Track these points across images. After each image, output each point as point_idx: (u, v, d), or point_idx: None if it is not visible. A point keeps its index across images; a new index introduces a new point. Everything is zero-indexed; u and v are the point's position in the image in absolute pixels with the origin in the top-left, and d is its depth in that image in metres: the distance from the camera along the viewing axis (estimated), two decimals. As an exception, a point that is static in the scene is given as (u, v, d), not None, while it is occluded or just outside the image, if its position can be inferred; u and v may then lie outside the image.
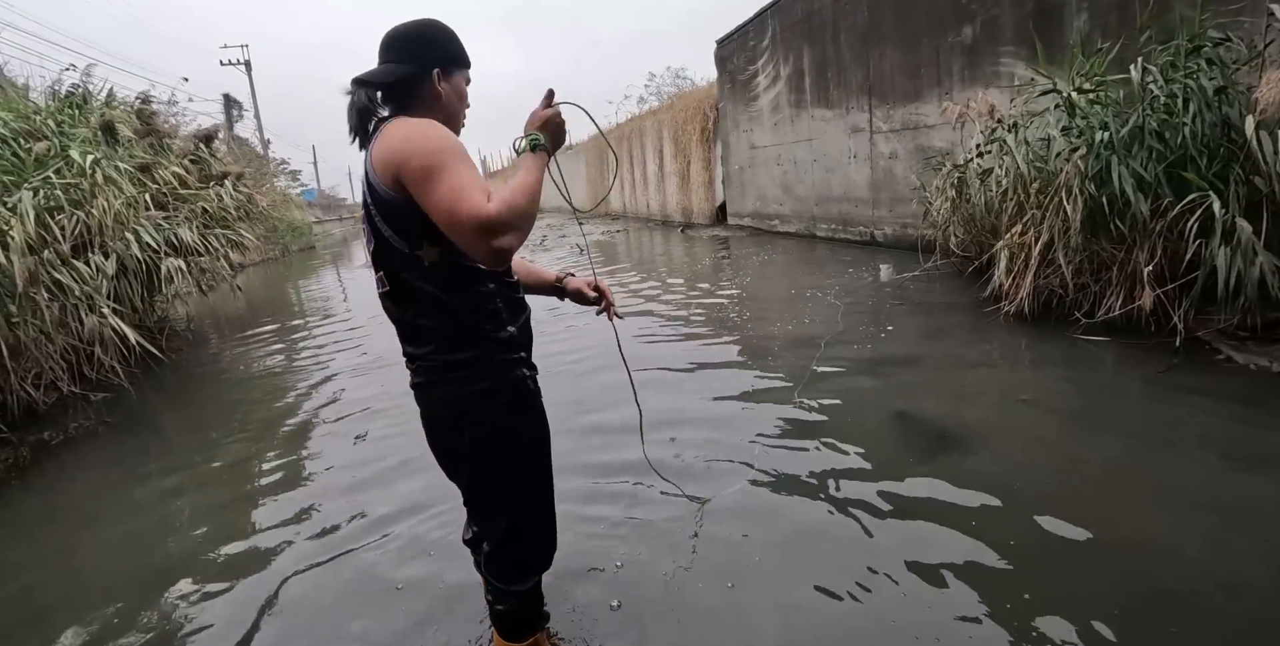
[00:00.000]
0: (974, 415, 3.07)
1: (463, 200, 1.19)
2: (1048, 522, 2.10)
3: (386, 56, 1.42)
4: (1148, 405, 3.04)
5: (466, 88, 1.50)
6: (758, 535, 2.20)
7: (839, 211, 9.24)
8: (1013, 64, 5.88)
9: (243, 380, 5.27)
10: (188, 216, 5.99)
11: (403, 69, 1.40)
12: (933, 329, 4.52)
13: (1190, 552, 1.91)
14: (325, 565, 2.28)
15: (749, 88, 11.45)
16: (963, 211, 5.25)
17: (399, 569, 2.20)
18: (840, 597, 1.86)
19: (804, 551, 2.10)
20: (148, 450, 3.81)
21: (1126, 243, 3.83)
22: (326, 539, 2.47)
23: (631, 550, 2.17)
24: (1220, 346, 3.49)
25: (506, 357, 1.43)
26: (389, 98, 1.43)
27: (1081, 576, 1.84)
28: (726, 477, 2.61)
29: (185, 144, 7.17)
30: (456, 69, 1.46)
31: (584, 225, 18.85)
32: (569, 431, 3.10)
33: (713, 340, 4.77)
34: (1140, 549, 1.95)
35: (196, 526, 2.72)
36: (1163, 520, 2.09)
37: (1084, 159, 3.75)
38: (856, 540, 2.14)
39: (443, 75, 1.42)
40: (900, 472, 2.53)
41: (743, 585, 1.95)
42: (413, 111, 1.39)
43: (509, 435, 1.46)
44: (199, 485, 3.15)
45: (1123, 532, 2.03)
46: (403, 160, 1.24)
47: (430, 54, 1.42)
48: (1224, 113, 3.56)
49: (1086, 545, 1.99)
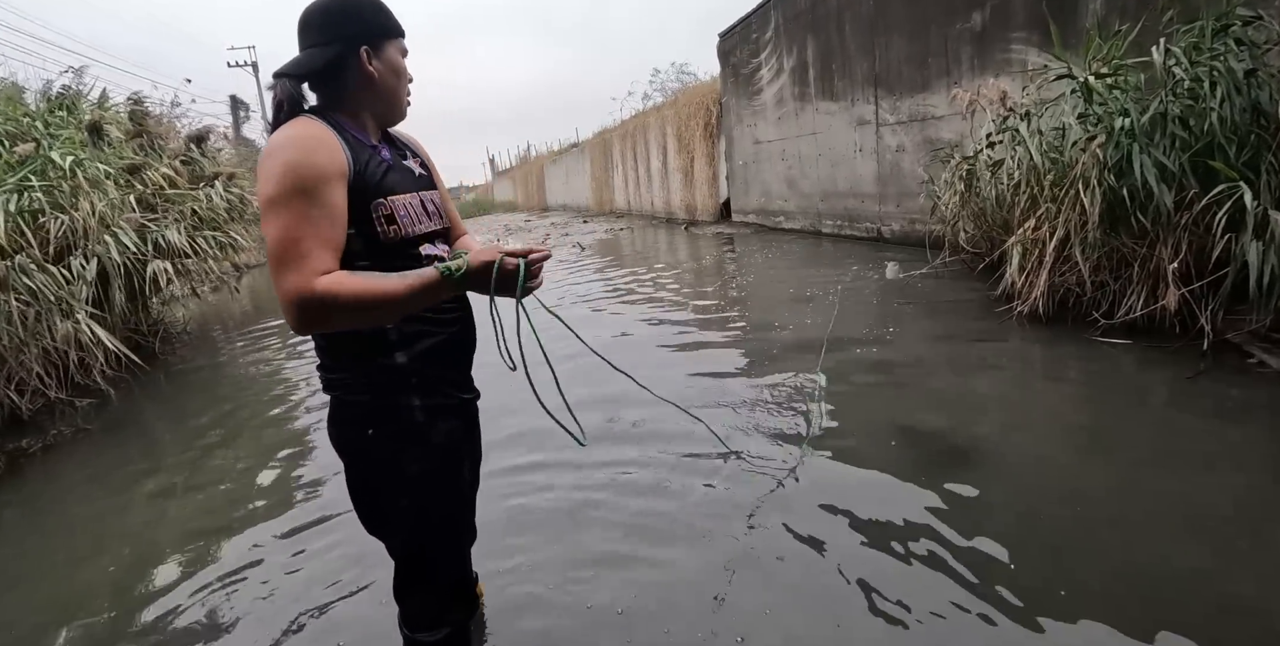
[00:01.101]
0: (984, 429, 2.85)
1: (291, 264, 1.06)
2: (1064, 558, 1.90)
3: (306, 40, 1.25)
4: (1175, 416, 2.81)
5: (404, 60, 1.32)
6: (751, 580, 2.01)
7: (845, 207, 9.01)
8: (1024, 50, 5.64)
9: (237, 383, 5.15)
10: (176, 218, 5.87)
11: (326, 53, 1.22)
12: (941, 331, 4.29)
13: (1233, 586, 1.70)
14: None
15: (752, 81, 11.22)
16: (972, 205, 5.03)
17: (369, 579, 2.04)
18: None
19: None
20: (126, 457, 3.67)
21: (1149, 238, 3.60)
22: (316, 556, 2.32)
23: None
24: (1252, 350, 3.26)
25: (389, 382, 1.26)
26: (317, 88, 1.27)
27: (1101, 618, 1.64)
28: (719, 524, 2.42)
29: (178, 145, 7.06)
30: (387, 42, 1.28)
31: (588, 223, 18.68)
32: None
33: (711, 343, 4.57)
34: (1175, 582, 1.74)
35: (163, 541, 2.56)
36: (1198, 552, 1.88)
37: (1103, 148, 3.52)
38: (851, 582, 1.94)
39: (372, 53, 1.25)
40: (903, 495, 2.33)
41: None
42: (346, 99, 1.26)
43: (385, 468, 1.29)
44: (166, 496, 3.01)
45: (1155, 565, 1.82)
46: (259, 181, 1.12)
47: (354, 30, 1.24)
48: (1254, 97, 3.33)
49: (1109, 582, 1.78)
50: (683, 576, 1.97)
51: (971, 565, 1.88)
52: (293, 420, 3.97)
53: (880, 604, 1.77)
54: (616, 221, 18.31)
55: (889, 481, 2.43)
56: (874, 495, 2.34)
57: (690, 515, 2.31)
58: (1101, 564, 1.84)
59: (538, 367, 1.31)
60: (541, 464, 2.81)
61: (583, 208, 25.32)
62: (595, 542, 2.20)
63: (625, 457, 2.80)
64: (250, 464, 3.33)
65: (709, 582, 1.93)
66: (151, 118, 7.34)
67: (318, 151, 1.12)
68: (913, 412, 3.03)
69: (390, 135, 1.37)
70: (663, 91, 19.95)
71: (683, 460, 2.74)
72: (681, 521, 2.27)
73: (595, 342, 1.66)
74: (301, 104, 1.24)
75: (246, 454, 3.50)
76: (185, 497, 3.02)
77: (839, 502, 2.30)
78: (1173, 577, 1.76)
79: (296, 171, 1.09)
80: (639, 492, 2.51)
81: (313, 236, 1.07)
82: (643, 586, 1.94)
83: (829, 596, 1.83)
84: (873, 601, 1.78)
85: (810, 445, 2.76)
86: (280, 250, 1.06)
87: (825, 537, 2.10)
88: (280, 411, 4.18)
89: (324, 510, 2.67)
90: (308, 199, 1.08)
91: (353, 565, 2.21)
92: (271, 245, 1.07)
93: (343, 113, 1.26)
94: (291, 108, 1.21)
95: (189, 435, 3.90)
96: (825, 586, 1.87)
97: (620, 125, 19.86)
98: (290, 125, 1.17)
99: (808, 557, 2.01)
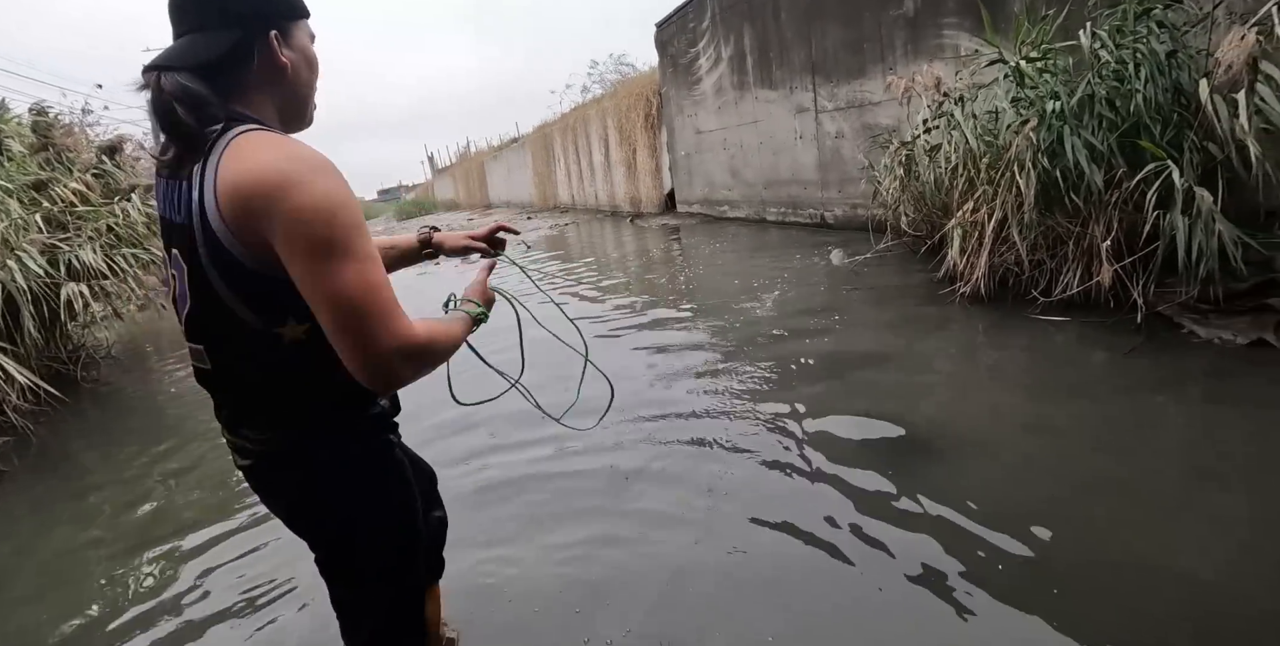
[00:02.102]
0: (930, 411, 2.87)
1: (387, 313, 0.90)
2: (1027, 532, 1.91)
3: (188, 21, 0.97)
4: (1115, 390, 2.88)
5: (313, 46, 1.07)
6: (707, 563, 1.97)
7: (788, 194, 9.07)
8: (956, 36, 5.73)
9: (164, 404, 4.90)
10: (91, 236, 5.51)
11: (222, 38, 0.95)
12: (887, 315, 4.35)
13: (1180, 561, 1.74)
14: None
15: (691, 71, 11.18)
16: (912, 190, 5.09)
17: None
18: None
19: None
20: (51, 491, 3.44)
21: (1082, 216, 3.69)
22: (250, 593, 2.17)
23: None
24: (1182, 321, 3.37)
25: (372, 429, 1.16)
26: (219, 83, 0.97)
27: (1063, 595, 1.65)
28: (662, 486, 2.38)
29: (89, 157, 6.64)
30: (296, 23, 1.03)
31: (532, 220, 18.45)
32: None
33: (659, 336, 4.52)
34: (1135, 561, 1.77)
35: (92, 576, 2.38)
36: (1146, 523, 1.92)
37: (1035, 130, 3.58)
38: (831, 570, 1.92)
39: (282, 37, 1.00)
40: (859, 480, 2.32)
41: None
42: (251, 97, 1.00)
43: (395, 511, 1.21)
44: (94, 528, 2.81)
45: (1109, 541, 1.85)
46: (289, 216, 0.87)
47: (258, 8, 0.98)
48: (1175, 77, 3.42)
49: (1060, 553, 1.80)
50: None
51: (912, 546, 1.88)
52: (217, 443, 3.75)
53: (849, 584, 1.75)
54: (561, 217, 18.12)
55: (841, 469, 2.42)
56: (826, 479, 2.33)
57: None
58: (1061, 543, 1.85)
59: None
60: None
61: (526, 204, 25.00)
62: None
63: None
64: (187, 491, 3.16)
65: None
66: (59, 129, 6.88)
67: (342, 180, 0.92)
68: (860, 398, 3.03)
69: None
70: (602, 83, 19.77)
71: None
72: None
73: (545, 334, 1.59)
74: (211, 102, 0.94)
75: (181, 480, 3.32)
76: (114, 530, 2.84)
77: (788, 490, 2.28)
78: (1130, 546, 1.79)
79: (352, 205, 0.91)
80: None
81: (388, 282, 0.93)
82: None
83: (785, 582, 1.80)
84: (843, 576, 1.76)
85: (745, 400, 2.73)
86: (369, 300, 0.89)
87: (771, 529, 2.08)
88: (213, 432, 3.97)
89: (272, 535, 2.52)
90: (366, 238, 0.91)
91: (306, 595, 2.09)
92: (349, 295, 0.88)
93: (253, 115, 1.00)
94: (202, 111, 0.93)
95: (118, 465, 3.69)
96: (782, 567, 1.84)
97: (560, 118, 19.63)
98: (286, 140, 0.95)
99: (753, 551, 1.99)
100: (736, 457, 2.65)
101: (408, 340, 0.91)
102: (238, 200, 0.89)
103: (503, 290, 1.30)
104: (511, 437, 3.05)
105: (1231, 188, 3.20)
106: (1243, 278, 3.16)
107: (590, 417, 1.83)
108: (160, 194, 1.02)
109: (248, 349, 1.00)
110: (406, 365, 0.93)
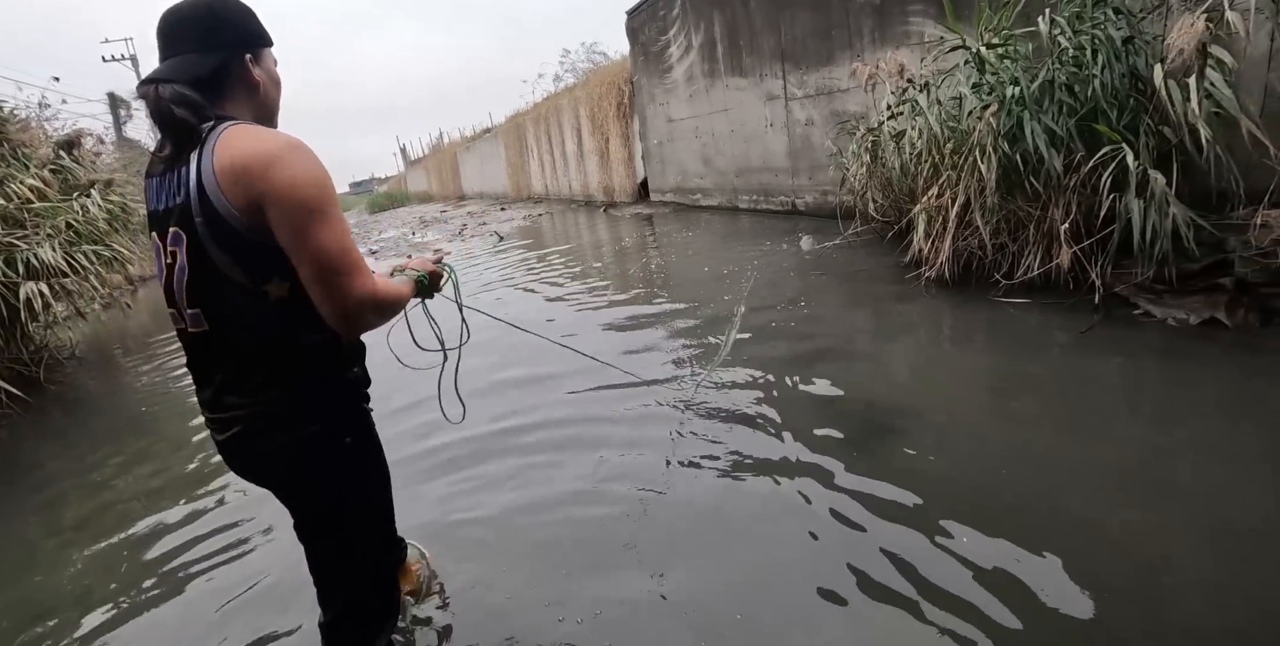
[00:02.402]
0: (893, 392, 2.94)
1: (357, 269, 1.13)
2: (981, 512, 1.97)
3: (179, 45, 1.21)
4: (1074, 368, 2.96)
5: (276, 69, 1.34)
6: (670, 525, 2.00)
7: (760, 182, 9.10)
8: (922, 23, 5.77)
9: (130, 405, 4.80)
10: (49, 233, 5.39)
11: (209, 59, 1.21)
12: (854, 299, 4.42)
13: (1119, 529, 1.81)
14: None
15: (662, 59, 11.14)
16: (879, 176, 5.14)
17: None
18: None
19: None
20: (10, 496, 3.36)
21: (1042, 200, 3.77)
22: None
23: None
24: (1138, 301, 3.47)
25: (350, 395, 1.36)
26: (209, 94, 1.21)
27: (1028, 563, 1.71)
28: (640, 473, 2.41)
29: (46, 152, 6.46)
30: (264, 49, 1.29)
31: (506, 211, 18.32)
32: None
33: (630, 323, 4.54)
34: (1081, 528, 1.83)
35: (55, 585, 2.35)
36: (1094, 496, 1.99)
37: (996, 116, 3.64)
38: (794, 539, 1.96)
39: (254, 59, 1.26)
40: (821, 460, 2.37)
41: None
42: (229, 109, 1.23)
43: (366, 474, 1.41)
44: (56, 535, 2.77)
45: (1063, 511, 1.91)
46: (281, 185, 1.09)
47: (235, 36, 1.24)
48: (1132, 63, 3.49)
49: (1018, 528, 1.86)
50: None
51: (894, 523, 1.93)
52: (186, 443, 3.73)
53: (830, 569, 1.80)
54: (535, 207, 18.02)
55: (802, 449, 2.47)
56: (789, 462, 2.37)
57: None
58: (1024, 516, 1.91)
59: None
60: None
61: (500, 195, 24.80)
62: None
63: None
64: (149, 493, 3.11)
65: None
66: (13, 123, 6.69)
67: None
68: (826, 379, 3.09)
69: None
70: (574, 72, 19.65)
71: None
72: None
73: (522, 320, 1.67)
74: (204, 106, 1.17)
75: (144, 483, 3.27)
76: (78, 535, 2.80)
77: (756, 473, 2.32)
78: (1067, 516, 1.85)
79: (329, 181, 1.16)
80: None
81: (355, 245, 1.16)
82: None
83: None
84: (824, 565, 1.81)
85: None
86: (342, 258, 1.12)
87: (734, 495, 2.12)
88: (176, 432, 3.94)
89: (240, 545, 2.50)
90: (340, 208, 1.15)
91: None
92: (329, 253, 1.10)
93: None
94: (198, 111, 1.16)
95: (81, 469, 3.61)
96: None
97: (533, 108, 19.44)
98: (271, 130, 1.19)
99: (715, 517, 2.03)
100: (698, 429, 2.69)
101: (371, 292, 1.14)
102: (235, 173, 1.09)
103: (447, 264, 1.56)
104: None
105: (1185, 170, 3.29)
106: (1195, 258, 3.25)
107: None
108: (151, 191, 1.23)
109: (239, 306, 1.17)
110: (369, 312, 1.16)
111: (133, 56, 27.65)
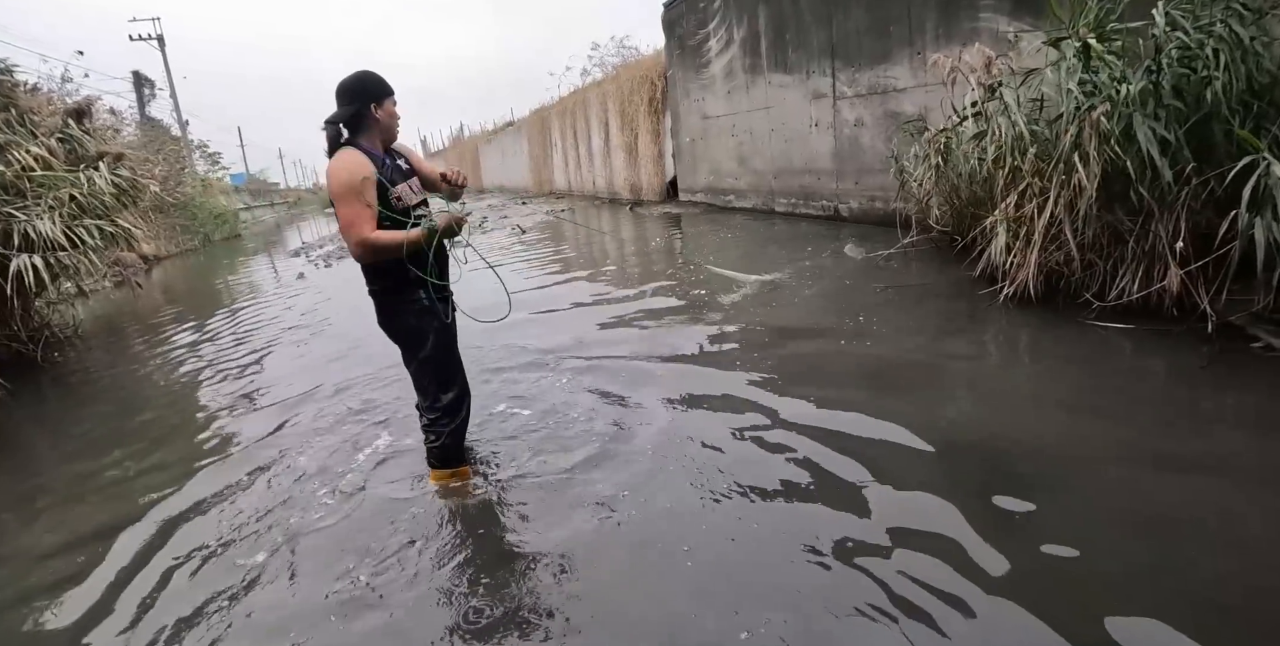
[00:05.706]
0: (1005, 430, 2.52)
1: (358, 226, 2.07)
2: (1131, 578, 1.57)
3: (340, 102, 2.17)
4: (1200, 412, 2.56)
5: (395, 108, 2.27)
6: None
7: (800, 185, 8.69)
8: (994, 19, 5.35)
9: (126, 389, 4.54)
10: (51, 205, 5.07)
11: (351, 109, 2.16)
12: (924, 317, 3.97)
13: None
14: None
15: (700, 53, 10.75)
16: (947, 181, 4.73)
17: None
18: None
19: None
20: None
21: (1144, 213, 3.36)
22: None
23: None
24: (1257, 332, 3.05)
25: (414, 291, 2.26)
26: (349, 126, 2.18)
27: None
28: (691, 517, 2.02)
29: (55, 121, 6.15)
30: (384, 99, 2.21)
31: (527, 205, 17.98)
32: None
33: (665, 335, 4.14)
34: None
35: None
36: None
37: (1107, 116, 3.22)
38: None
39: (377, 106, 2.18)
40: (939, 512, 1.98)
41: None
42: (365, 134, 2.19)
43: (415, 331, 2.32)
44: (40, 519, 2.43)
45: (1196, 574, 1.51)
46: (328, 184, 2.13)
47: (366, 95, 2.17)
48: (1252, 64, 3.08)
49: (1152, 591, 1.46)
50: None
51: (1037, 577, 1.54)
52: (189, 425, 3.48)
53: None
54: (557, 202, 17.66)
55: (929, 498, 2.08)
56: (909, 511, 1.98)
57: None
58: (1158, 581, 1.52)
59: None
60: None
61: (521, 189, 24.48)
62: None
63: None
64: (139, 477, 2.89)
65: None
66: (23, 89, 6.39)
67: (359, 169, 2.09)
68: (907, 417, 2.65)
69: (390, 148, 2.29)
70: (602, 66, 19.21)
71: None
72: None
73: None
74: (341, 137, 2.17)
75: (136, 466, 3.06)
76: (56, 516, 2.54)
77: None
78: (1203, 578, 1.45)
79: (349, 182, 2.07)
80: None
81: (361, 215, 2.07)
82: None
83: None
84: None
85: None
86: (347, 223, 2.07)
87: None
88: (176, 419, 3.69)
89: (233, 533, 2.21)
90: (357, 196, 2.07)
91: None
92: (342, 221, 2.08)
93: (364, 139, 2.19)
94: (336, 139, 2.16)
95: (68, 454, 3.39)
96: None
97: (558, 102, 19.10)
98: (342, 153, 2.12)
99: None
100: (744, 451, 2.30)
101: (363, 238, 2.07)
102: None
103: (461, 215, 2.22)
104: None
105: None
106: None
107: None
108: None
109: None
110: (365, 252, 2.09)
111: (159, 36, 27.31)
